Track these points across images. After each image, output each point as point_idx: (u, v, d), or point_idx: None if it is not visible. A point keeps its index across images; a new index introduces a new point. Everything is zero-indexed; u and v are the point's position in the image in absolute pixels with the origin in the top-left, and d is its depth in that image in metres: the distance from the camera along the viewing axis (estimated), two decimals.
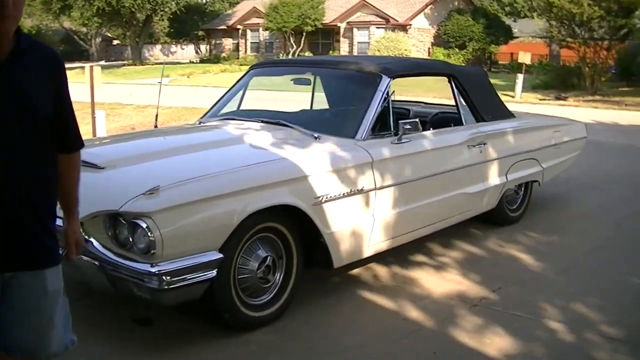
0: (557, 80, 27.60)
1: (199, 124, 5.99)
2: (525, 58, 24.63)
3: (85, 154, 4.58)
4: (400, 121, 5.08)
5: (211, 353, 3.96)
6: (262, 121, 5.40)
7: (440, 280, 5.21)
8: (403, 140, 5.07)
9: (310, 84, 5.94)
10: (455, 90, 6.07)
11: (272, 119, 5.41)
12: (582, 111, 18.88)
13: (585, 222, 7.14)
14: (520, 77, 24.16)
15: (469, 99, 6.15)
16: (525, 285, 5.13)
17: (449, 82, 6.08)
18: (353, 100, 5.65)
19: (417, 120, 5.17)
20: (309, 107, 6.67)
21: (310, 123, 5.36)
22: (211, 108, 6.24)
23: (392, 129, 5.13)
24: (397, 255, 5.54)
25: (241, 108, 6.05)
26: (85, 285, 4.35)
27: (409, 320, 4.46)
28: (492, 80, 7.08)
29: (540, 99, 23.66)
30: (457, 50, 40.92)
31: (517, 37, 47.00)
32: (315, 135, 4.90)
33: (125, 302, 4.41)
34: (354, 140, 4.89)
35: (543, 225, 6.81)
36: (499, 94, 6.94)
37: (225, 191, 3.91)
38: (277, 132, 5.10)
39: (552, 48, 38.52)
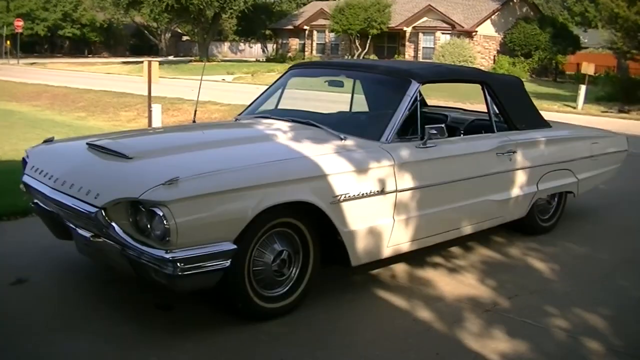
0: (621, 92, 26.99)
1: (235, 120, 6.18)
2: (588, 69, 24.29)
3: (117, 144, 4.85)
4: (426, 126, 5.17)
5: (223, 339, 4.14)
6: (293, 120, 5.55)
7: (456, 284, 5.28)
8: (428, 145, 5.16)
9: (342, 86, 6.05)
10: (488, 98, 6.11)
11: (304, 119, 5.56)
12: None
13: (621, 236, 7.04)
14: (582, 88, 23.74)
15: (502, 106, 6.18)
16: (542, 295, 5.12)
17: (482, 89, 6.13)
18: (384, 104, 5.75)
19: (442, 125, 5.24)
20: (347, 109, 6.81)
21: (339, 124, 5.50)
22: (249, 105, 6.44)
23: (419, 134, 5.23)
24: (416, 256, 5.62)
25: (279, 107, 6.22)
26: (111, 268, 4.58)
27: (419, 321, 4.55)
28: (556, 91, 7.10)
29: (602, 112, 23.26)
30: (522, 59, 40.45)
31: (586, 48, 46.16)
32: (342, 136, 5.02)
33: (148, 287, 4.60)
34: (378, 143, 5.00)
35: (575, 237, 6.78)
36: (559, 104, 6.92)
37: (240, 186, 4.07)
38: (306, 131, 5.24)
39: (620, 60, 37.74)
